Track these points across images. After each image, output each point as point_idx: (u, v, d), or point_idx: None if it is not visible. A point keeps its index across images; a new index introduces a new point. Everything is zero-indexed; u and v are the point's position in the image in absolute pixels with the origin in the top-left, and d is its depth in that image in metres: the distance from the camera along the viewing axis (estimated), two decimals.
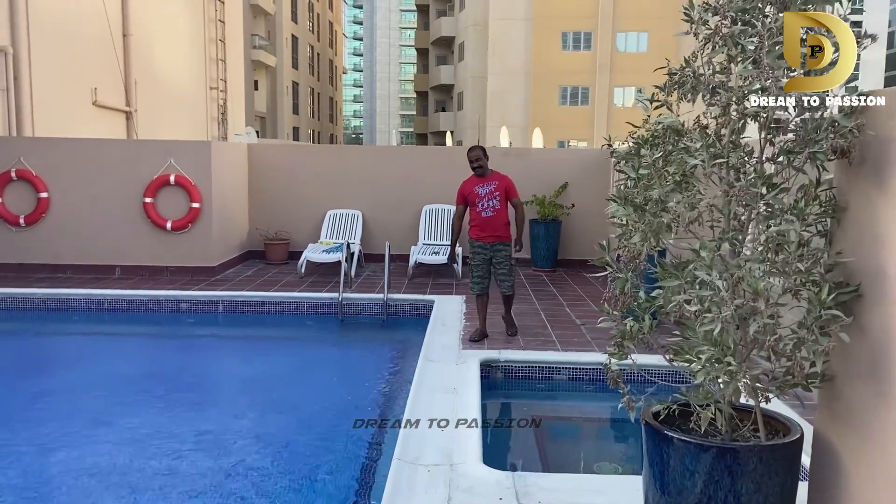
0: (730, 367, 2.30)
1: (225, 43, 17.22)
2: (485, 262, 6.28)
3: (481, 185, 6.23)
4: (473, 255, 6.29)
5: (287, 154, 11.13)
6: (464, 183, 6.37)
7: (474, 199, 6.22)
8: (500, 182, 6.29)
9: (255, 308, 7.99)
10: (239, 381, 6.18)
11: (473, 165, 6.25)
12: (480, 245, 6.26)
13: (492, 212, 6.20)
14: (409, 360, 6.12)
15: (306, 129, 50.39)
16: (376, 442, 4.40)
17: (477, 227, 6.26)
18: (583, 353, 5.82)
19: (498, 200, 6.22)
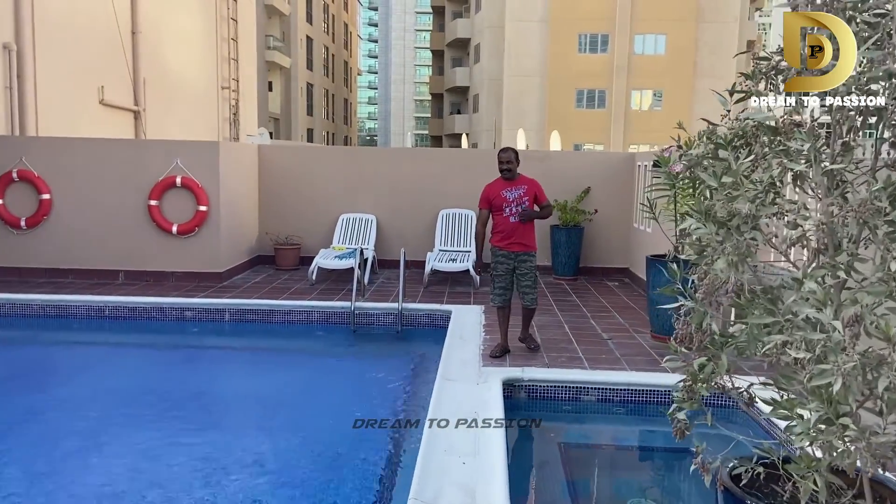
0: (848, 432, 1.85)
1: (237, 42, 16.90)
2: (508, 273, 5.85)
3: (509, 189, 5.80)
4: (496, 264, 5.86)
5: (298, 155, 10.76)
6: (489, 185, 5.93)
7: (501, 203, 5.78)
8: (529, 186, 5.85)
9: (264, 317, 7.60)
10: (243, 399, 5.78)
11: (503, 167, 5.81)
12: (504, 254, 5.83)
13: (517, 217, 5.78)
14: (426, 377, 5.70)
15: (320, 131, 50.18)
16: (389, 475, 3.98)
17: (501, 235, 5.83)
18: (613, 371, 5.37)
19: (526, 206, 5.80)
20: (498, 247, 5.84)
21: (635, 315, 7.50)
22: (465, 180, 10.10)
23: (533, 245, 5.90)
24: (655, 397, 5.04)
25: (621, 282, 9.59)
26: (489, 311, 7.50)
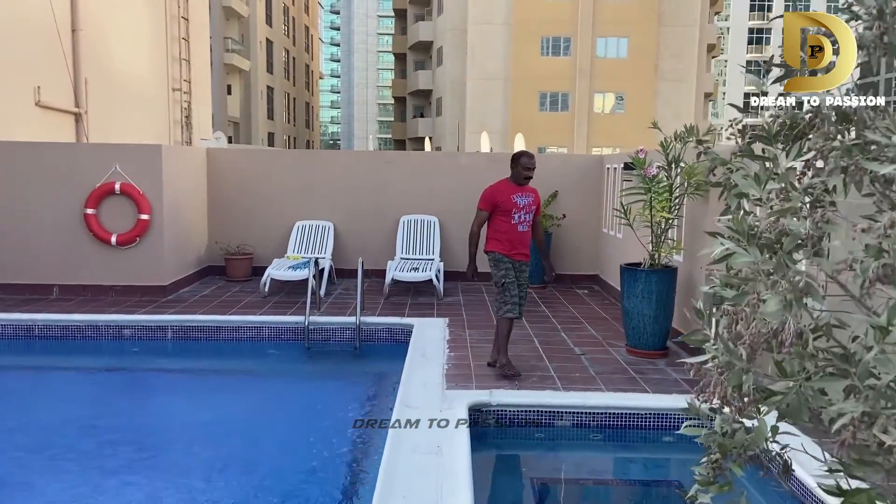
0: None
1: (189, 42, 16.18)
2: (516, 281, 5.42)
3: (520, 195, 5.41)
4: (506, 271, 5.38)
5: (251, 159, 10.16)
6: (496, 187, 5.46)
7: (510, 208, 5.36)
8: (535, 197, 5.52)
9: (210, 334, 7.01)
10: (186, 430, 5.18)
11: (528, 174, 5.40)
12: (511, 262, 5.42)
13: (526, 226, 5.45)
14: (386, 402, 5.20)
15: (282, 135, 49.26)
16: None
17: (506, 242, 5.40)
18: (588, 393, 4.94)
19: (531, 216, 5.48)
20: (503, 254, 5.41)
21: (608, 326, 7.10)
22: (427, 185, 9.63)
23: (529, 255, 5.59)
24: (636, 421, 4.63)
25: (591, 289, 9.21)
26: (454, 324, 7.03)
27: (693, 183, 5.66)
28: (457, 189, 9.56)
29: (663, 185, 5.75)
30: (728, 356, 1.54)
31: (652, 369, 5.56)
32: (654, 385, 5.14)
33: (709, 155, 1.78)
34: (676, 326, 6.12)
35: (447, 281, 9.03)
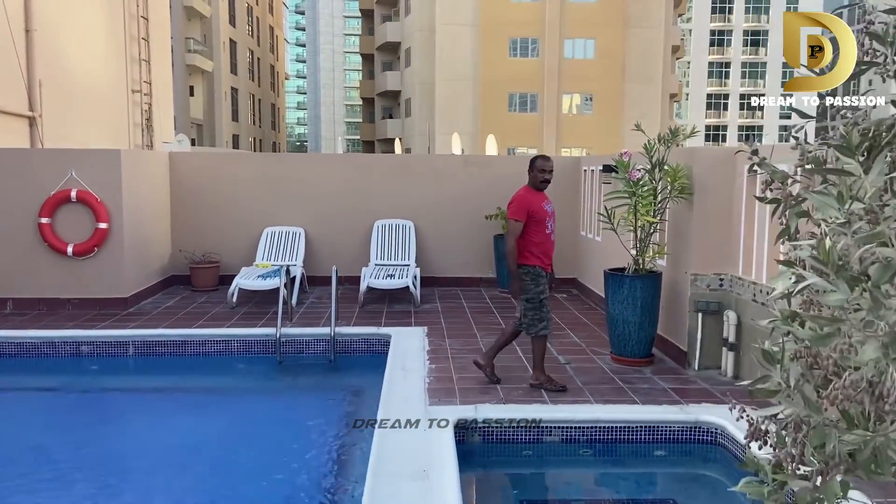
0: None
1: (149, 42, 15.65)
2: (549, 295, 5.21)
3: (547, 203, 5.21)
4: (543, 287, 5.14)
5: (217, 163, 9.78)
6: (526, 196, 5.12)
7: (544, 217, 5.11)
8: (551, 204, 5.33)
9: (174, 349, 6.65)
10: (150, 456, 4.84)
11: (546, 178, 5.16)
12: (544, 275, 5.18)
13: (554, 235, 5.27)
14: (365, 417, 4.93)
15: (247, 137, 48.45)
16: None
17: (542, 254, 5.15)
18: (576, 406, 4.73)
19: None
20: (539, 266, 5.13)
21: (590, 333, 6.92)
22: (402, 188, 9.37)
23: None
24: (626, 435, 4.43)
25: (570, 293, 9.04)
26: (433, 333, 6.78)
27: (677, 186, 5.50)
28: (432, 192, 9.32)
29: (647, 189, 5.58)
30: (810, 411, 1.31)
31: (639, 378, 5.38)
32: (642, 395, 4.96)
33: (765, 168, 1.55)
34: (662, 333, 5.95)
35: (424, 287, 8.78)
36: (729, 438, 4.24)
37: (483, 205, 9.11)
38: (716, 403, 4.76)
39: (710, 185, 5.43)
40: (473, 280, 9.35)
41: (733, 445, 4.18)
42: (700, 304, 5.48)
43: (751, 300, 5.11)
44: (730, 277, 5.42)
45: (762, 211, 5.02)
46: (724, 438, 4.29)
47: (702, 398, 4.88)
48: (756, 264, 5.09)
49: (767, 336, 1.53)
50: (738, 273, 5.31)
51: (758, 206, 5.07)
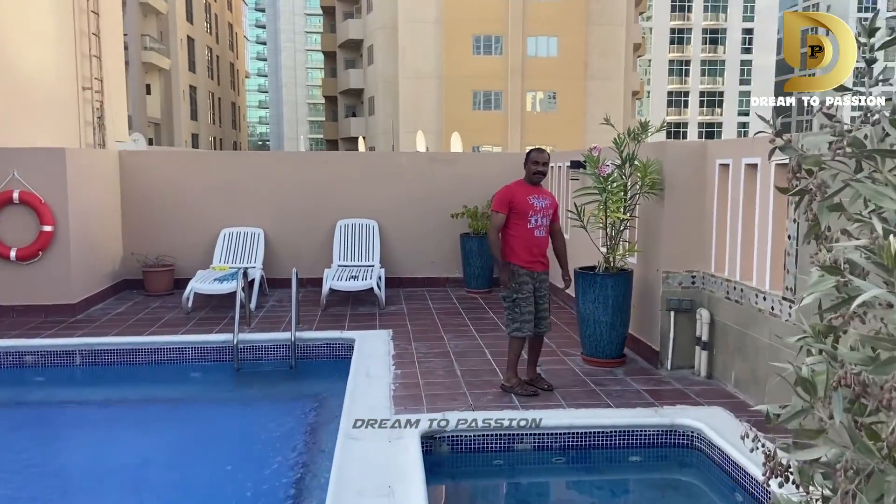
0: None
1: (100, 37, 15.06)
2: (531, 294, 4.94)
3: (537, 196, 4.95)
4: (520, 285, 4.88)
5: (170, 162, 9.38)
6: (511, 188, 4.97)
7: (527, 210, 4.87)
8: (552, 200, 5.09)
9: (125, 358, 6.30)
10: (99, 475, 4.51)
11: (538, 170, 4.93)
12: (528, 274, 4.92)
13: (543, 231, 4.98)
14: (327, 430, 4.69)
15: (207, 136, 47.47)
16: None
17: (523, 250, 4.90)
18: (548, 411, 4.54)
19: (548, 220, 5.01)
20: (519, 265, 4.89)
21: (560, 332, 6.74)
22: (365, 186, 9.10)
23: (549, 262, 5.10)
24: (600, 441, 4.26)
25: None
26: (398, 336, 6.54)
27: (648, 182, 5.36)
28: (397, 191, 9.07)
29: (618, 185, 5.42)
30: (866, 457, 1.09)
31: (611, 380, 5.22)
32: (615, 398, 4.79)
33: (788, 152, 1.35)
34: (633, 332, 5.81)
35: (389, 288, 8.53)
36: (706, 442, 4.09)
37: (449, 203, 8.89)
38: (691, 405, 4.63)
39: (682, 180, 5.30)
40: (440, 280, 9.14)
41: (710, 449, 4.04)
42: (672, 302, 5.34)
43: (724, 298, 4.98)
44: (702, 275, 5.29)
45: (735, 206, 4.90)
46: (700, 442, 4.15)
47: (676, 400, 4.73)
48: (729, 261, 4.96)
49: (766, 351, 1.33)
50: (710, 270, 5.19)
51: (730, 200, 4.95)
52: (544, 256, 5.00)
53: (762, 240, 4.54)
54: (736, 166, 4.85)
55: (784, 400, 4.29)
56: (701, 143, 5.29)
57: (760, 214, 4.56)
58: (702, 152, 5.27)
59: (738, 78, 67.80)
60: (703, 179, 5.26)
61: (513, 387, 4.88)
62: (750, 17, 67.99)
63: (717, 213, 5.12)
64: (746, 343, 4.69)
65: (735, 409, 4.51)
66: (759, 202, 4.57)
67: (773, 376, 4.37)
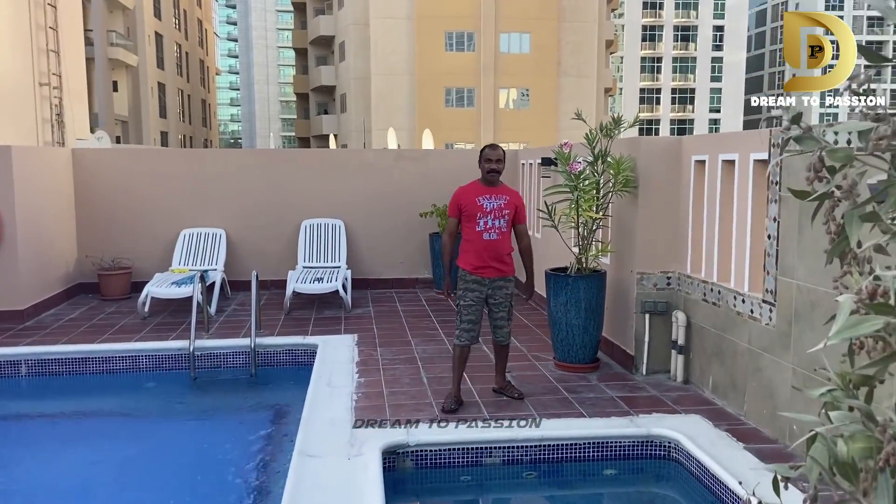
0: None
1: (58, 31, 14.55)
2: (479, 303, 4.61)
3: (488, 197, 4.60)
4: (464, 291, 4.62)
5: (127, 160, 8.98)
6: (463, 188, 4.70)
7: (475, 212, 4.56)
8: (511, 198, 4.68)
9: (75, 368, 5.95)
10: (37, 495, 4.19)
11: (490, 167, 4.58)
12: (476, 280, 4.60)
13: (497, 234, 4.58)
14: (285, 446, 4.41)
15: (176, 134, 46.57)
16: None
17: (473, 255, 4.59)
18: (521, 423, 4.30)
19: (506, 221, 4.61)
20: (469, 270, 4.60)
21: (531, 336, 6.53)
22: (332, 185, 8.80)
23: (510, 267, 4.70)
24: (573, 453, 4.03)
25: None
26: (364, 342, 6.27)
27: (621, 179, 5.15)
28: (364, 189, 8.79)
29: (590, 183, 5.20)
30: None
31: (585, 386, 5.01)
32: (589, 406, 4.58)
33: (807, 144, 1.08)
34: (607, 336, 5.61)
35: (356, 290, 8.25)
36: (683, 453, 3.89)
37: (417, 201, 8.63)
38: (667, 412, 4.43)
39: (656, 178, 5.10)
40: (408, 281, 8.88)
41: (688, 461, 3.84)
42: (647, 304, 5.15)
43: (701, 300, 4.79)
44: (678, 276, 5.10)
45: (711, 204, 4.71)
46: (678, 453, 3.95)
47: (652, 407, 4.53)
48: (706, 262, 4.77)
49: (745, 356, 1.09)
50: (686, 271, 4.99)
51: (707, 198, 4.76)
52: (500, 261, 4.62)
53: (740, 240, 4.36)
54: (712, 163, 4.66)
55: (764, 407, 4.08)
56: (676, 140, 5.09)
57: (739, 213, 4.38)
58: (676, 148, 5.07)
59: (709, 75, 68.42)
60: (679, 177, 5.06)
61: (443, 401, 4.59)
62: (721, 14, 68.61)
63: (692, 211, 4.93)
64: (724, 347, 4.50)
65: (713, 416, 4.32)
66: (738, 200, 4.38)
67: (753, 382, 4.20)
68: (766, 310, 4.04)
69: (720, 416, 4.35)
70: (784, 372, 3.90)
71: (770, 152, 3.97)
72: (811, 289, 3.67)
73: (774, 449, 3.87)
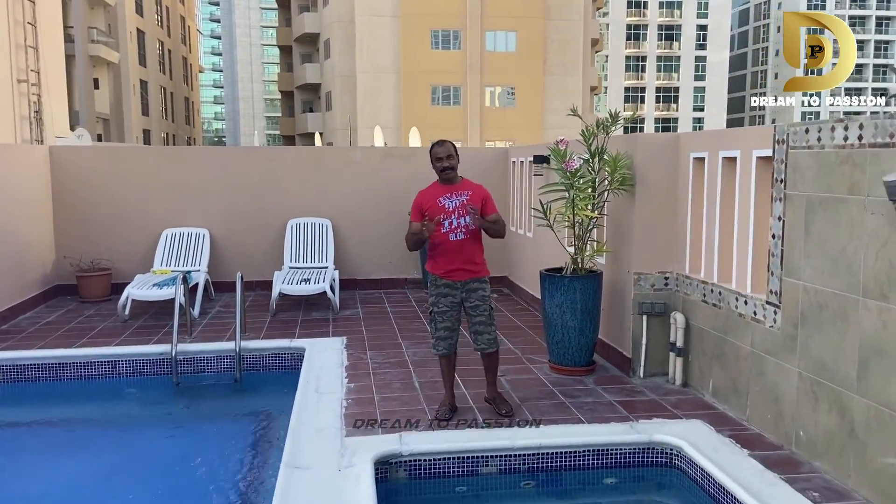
0: None
1: (36, 27, 14.22)
2: (453, 308, 4.35)
3: (448, 196, 4.31)
4: (437, 297, 4.37)
5: (107, 158, 8.72)
6: (423, 192, 4.44)
7: (438, 214, 4.27)
8: (474, 192, 4.37)
9: (51, 373, 5.73)
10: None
11: (442, 166, 4.30)
12: (448, 284, 4.33)
13: (464, 233, 4.29)
14: (270, 455, 4.23)
15: (159, 132, 46.04)
16: None
17: (442, 258, 4.33)
18: (515, 428, 4.15)
19: (470, 220, 4.29)
20: (439, 275, 4.36)
21: (525, 337, 6.39)
22: (318, 183, 8.60)
23: (483, 268, 4.41)
24: (572, 461, 3.89)
25: (500, 293, 8.50)
26: (353, 344, 6.10)
27: (618, 177, 5.01)
28: (351, 188, 8.60)
29: (586, 181, 5.06)
30: None
31: (582, 390, 4.86)
32: (587, 412, 4.43)
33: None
34: (603, 338, 5.47)
35: (344, 291, 8.08)
36: (686, 461, 3.76)
37: (406, 200, 8.25)
38: (668, 418, 4.30)
39: (654, 175, 4.96)
40: (397, 282, 8.70)
41: (692, 469, 3.70)
42: (644, 305, 5.01)
43: (700, 301, 4.66)
44: (676, 276, 4.97)
45: (711, 203, 4.58)
46: (680, 460, 3.81)
47: (652, 412, 4.40)
48: (706, 262, 4.64)
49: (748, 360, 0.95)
50: (685, 271, 4.86)
51: (706, 197, 4.63)
52: (471, 262, 4.32)
53: (742, 239, 4.23)
54: (712, 160, 4.52)
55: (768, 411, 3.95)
56: (674, 136, 4.96)
57: (741, 212, 4.24)
58: (674, 145, 4.94)
59: (692, 74, 68.79)
60: (677, 174, 4.93)
61: (438, 406, 4.40)
62: (704, 13, 68.97)
63: (691, 210, 4.80)
64: (726, 350, 4.37)
65: (715, 421, 4.19)
66: (739, 198, 4.25)
67: (756, 386, 4.07)
68: (771, 312, 3.91)
69: (722, 420, 4.22)
70: (790, 376, 3.78)
71: (774, 148, 3.84)
72: (819, 290, 3.54)
73: (780, 455, 3.74)
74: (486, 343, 4.41)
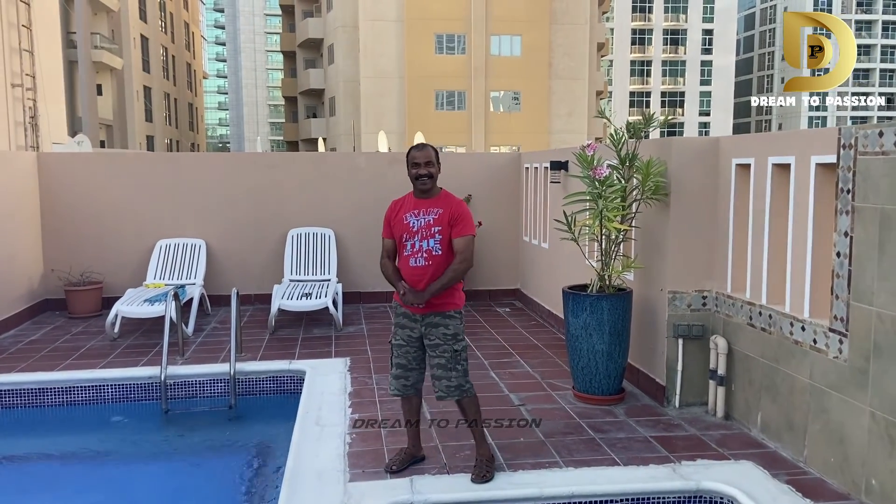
0: None
1: (31, 30, 13.83)
2: (410, 344, 3.65)
3: (415, 214, 3.59)
4: (395, 328, 3.70)
5: (98, 165, 8.28)
6: (393, 204, 3.75)
7: (401, 233, 3.61)
8: (445, 211, 3.58)
9: (32, 400, 5.29)
10: None
11: (418, 173, 3.57)
12: (405, 315, 3.65)
13: (424, 259, 3.55)
14: (268, 493, 3.76)
15: (162, 138, 45.74)
16: None
17: (406, 281, 3.62)
18: (542, 471, 3.67)
19: (437, 241, 3.55)
20: (397, 303, 3.69)
21: (543, 358, 5.90)
22: (320, 191, 8.14)
23: (449, 300, 3.60)
24: None
25: (513, 307, 8.03)
26: (357, 366, 5.62)
27: (650, 185, 4.53)
28: (355, 196, 8.13)
29: (615, 189, 4.58)
30: None
31: (612, 424, 4.37)
32: (620, 450, 3.94)
33: None
34: (633, 362, 4.99)
35: (347, 304, 7.62)
36: None
37: None
38: (713, 458, 3.80)
39: (690, 184, 4.48)
40: None
41: None
42: (680, 327, 4.53)
43: (745, 324, 4.17)
44: (715, 295, 4.49)
45: (758, 215, 4.10)
46: None
47: (694, 451, 3.91)
48: (752, 281, 4.15)
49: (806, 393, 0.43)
50: (726, 290, 4.38)
51: (752, 208, 4.15)
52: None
53: (798, 257, 3.74)
54: (760, 167, 4.04)
55: (832, 454, 3.36)
56: (712, 140, 4.48)
57: (796, 225, 3.76)
58: (714, 150, 4.46)
59: (698, 78, 68.31)
60: (716, 182, 4.45)
61: (390, 459, 3.75)
62: (710, 17, 68.52)
63: (734, 222, 4.31)
64: (778, 381, 3.88)
65: (768, 463, 3.70)
66: (794, 211, 3.77)
67: (816, 424, 3.58)
68: (835, 340, 3.42)
69: (775, 462, 3.74)
70: (860, 415, 3.29)
71: (839, 154, 3.36)
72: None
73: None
74: (442, 390, 3.60)
